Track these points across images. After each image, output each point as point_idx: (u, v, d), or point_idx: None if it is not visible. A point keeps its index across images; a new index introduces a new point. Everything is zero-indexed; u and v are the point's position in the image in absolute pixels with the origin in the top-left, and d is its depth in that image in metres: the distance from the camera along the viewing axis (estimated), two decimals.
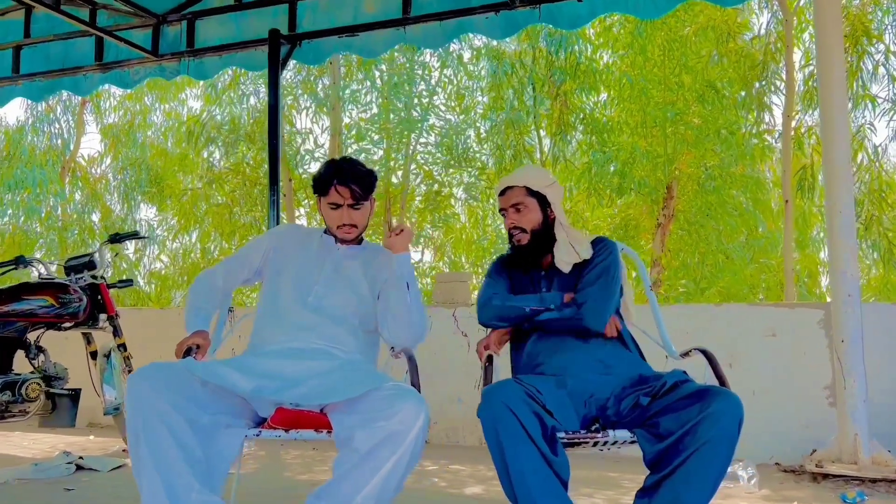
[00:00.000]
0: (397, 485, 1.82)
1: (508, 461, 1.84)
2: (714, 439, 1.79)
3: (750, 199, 9.80)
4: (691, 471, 1.80)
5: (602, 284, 2.25)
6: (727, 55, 9.32)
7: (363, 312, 2.32)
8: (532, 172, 2.44)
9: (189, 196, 12.28)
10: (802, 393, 4.05)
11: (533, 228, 2.36)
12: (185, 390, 1.88)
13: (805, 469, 3.67)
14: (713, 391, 1.88)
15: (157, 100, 13.35)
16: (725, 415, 1.81)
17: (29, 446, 4.46)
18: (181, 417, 1.83)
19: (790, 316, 4.19)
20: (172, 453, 1.79)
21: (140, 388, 1.84)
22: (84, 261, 4.09)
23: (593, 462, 3.92)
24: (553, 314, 2.23)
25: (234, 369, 1.98)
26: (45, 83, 5.96)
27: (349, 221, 2.29)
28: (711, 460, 1.79)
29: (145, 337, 4.89)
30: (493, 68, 10.38)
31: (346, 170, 2.28)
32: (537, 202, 2.37)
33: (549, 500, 1.84)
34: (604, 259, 2.31)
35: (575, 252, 2.33)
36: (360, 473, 1.78)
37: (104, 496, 3.13)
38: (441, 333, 4.64)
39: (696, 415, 1.82)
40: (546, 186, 2.38)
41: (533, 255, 2.39)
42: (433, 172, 11.33)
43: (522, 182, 2.38)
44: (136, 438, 1.81)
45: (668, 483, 1.82)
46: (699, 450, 1.79)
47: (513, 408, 1.85)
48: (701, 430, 1.80)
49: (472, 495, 3.28)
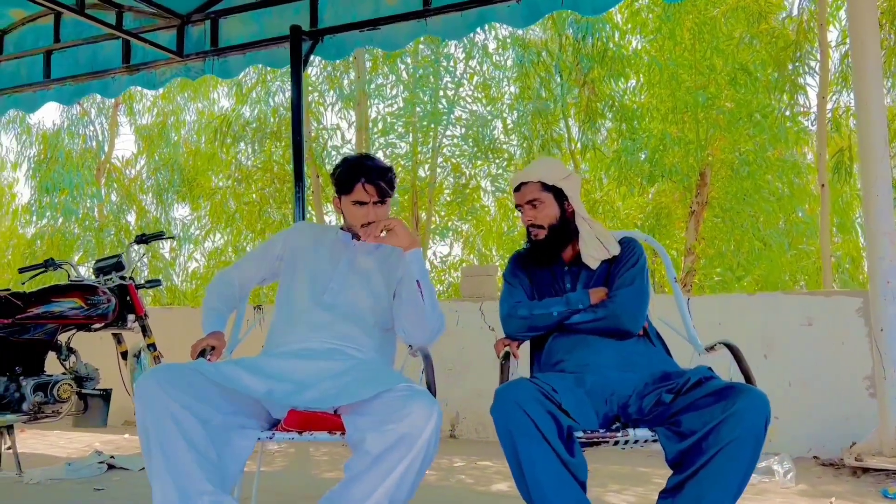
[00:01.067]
0: (410, 489, 1.78)
1: (523, 462, 1.79)
2: (739, 439, 1.72)
3: (786, 184, 9.54)
4: (715, 471, 1.73)
5: (638, 285, 2.21)
6: (759, 36, 9.06)
7: (379, 310, 2.29)
8: (546, 166, 2.36)
9: (220, 195, 12.41)
10: (841, 384, 3.93)
11: (550, 224, 2.31)
12: (197, 390, 1.86)
13: (844, 463, 3.56)
14: (737, 388, 1.80)
15: (189, 99, 13.49)
16: (750, 413, 1.73)
17: (64, 446, 4.54)
18: (193, 418, 1.81)
19: (827, 304, 4.07)
20: (184, 456, 1.77)
21: (149, 389, 1.82)
22: (112, 262, 4.13)
23: (623, 458, 3.86)
24: (586, 315, 2.18)
25: (245, 371, 1.96)
26: (75, 87, 6.04)
27: (374, 219, 2.25)
28: (736, 460, 1.72)
29: (175, 336, 4.93)
30: (519, 58, 10.25)
31: (371, 168, 2.25)
32: (553, 196, 2.31)
33: (566, 502, 1.78)
34: (637, 258, 2.27)
35: (604, 247, 2.28)
36: (371, 476, 1.75)
37: (133, 495, 3.17)
38: (468, 327, 4.60)
39: (719, 413, 1.75)
40: (562, 179, 2.31)
41: (551, 250, 2.33)
42: (460, 165, 11.26)
43: (537, 177, 2.32)
44: (147, 439, 1.80)
45: (692, 484, 1.75)
46: (723, 450, 1.72)
47: (525, 407, 1.80)
48: (725, 429, 1.73)
49: (499, 492, 3.24)
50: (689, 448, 1.77)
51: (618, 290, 2.21)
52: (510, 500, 3.08)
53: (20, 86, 6.14)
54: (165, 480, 1.76)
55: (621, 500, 3.07)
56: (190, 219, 13.53)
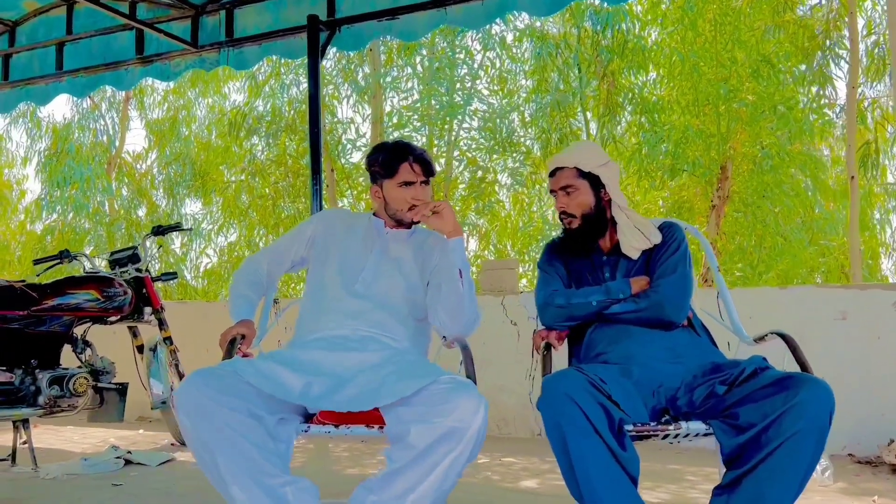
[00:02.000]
0: (452, 483, 1.71)
1: (573, 456, 1.69)
2: (802, 432, 1.61)
3: (809, 178, 9.39)
4: (776, 466, 1.62)
5: (681, 273, 2.11)
6: (783, 27, 8.90)
7: (413, 299, 2.20)
8: (584, 151, 2.24)
9: (233, 189, 12.35)
10: (877, 379, 3.81)
11: (584, 212, 2.21)
12: (238, 391, 1.78)
13: (883, 460, 3.45)
14: (799, 378, 1.70)
15: (199, 94, 13.46)
16: (814, 404, 1.63)
17: (80, 441, 4.47)
18: (245, 417, 1.75)
19: (861, 298, 3.94)
20: (252, 453, 1.72)
21: (193, 398, 1.74)
22: (128, 254, 4.07)
23: (655, 454, 3.75)
24: (628, 305, 2.08)
25: (282, 366, 1.89)
26: (87, 79, 5.98)
27: (424, 197, 2.19)
28: (798, 455, 1.62)
29: (191, 330, 4.87)
30: (537, 50, 10.13)
31: (413, 147, 2.23)
32: (589, 184, 2.21)
33: (619, 499, 1.68)
34: (679, 244, 2.16)
35: (644, 237, 2.18)
36: (417, 470, 1.67)
37: (152, 492, 3.09)
38: (489, 322, 4.50)
39: (780, 405, 1.65)
40: (599, 166, 2.21)
41: (584, 239, 2.23)
42: (477, 159, 11.15)
43: (572, 162, 2.21)
44: (208, 451, 1.72)
45: (750, 479, 1.65)
46: (785, 443, 1.62)
47: (576, 398, 1.70)
48: (787, 421, 1.62)
49: (526, 489, 3.14)
50: (747, 442, 1.67)
51: (660, 278, 2.11)
52: (539, 497, 2.98)
53: (32, 78, 6.08)
54: (245, 482, 1.70)
55: (654, 498, 2.96)
56: (202, 214, 13.49)
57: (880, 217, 11.40)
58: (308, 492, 1.75)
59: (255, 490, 1.71)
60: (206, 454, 1.74)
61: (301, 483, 1.76)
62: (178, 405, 1.74)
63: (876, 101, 9.04)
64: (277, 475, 1.73)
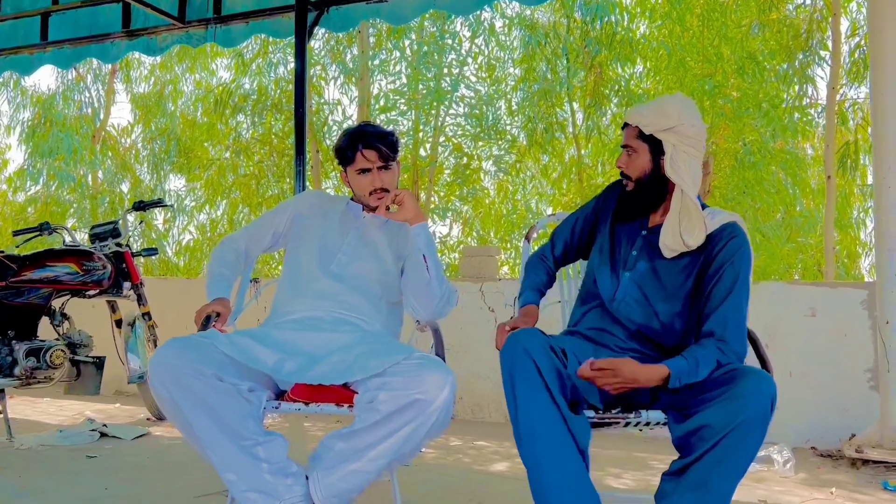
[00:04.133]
0: (413, 449, 1.80)
1: (520, 411, 1.71)
2: (745, 422, 1.66)
3: (789, 176, 9.51)
4: (720, 455, 1.68)
5: (736, 301, 1.86)
6: (769, 25, 8.98)
7: (387, 283, 2.25)
8: (655, 109, 1.97)
9: (217, 166, 12.29)
10: (842, 375, 3.90)
11: (638, 177, 2.00)
12: (211, 359, 1.84)
13: (843, 454, 3.54)
14: (742, 370, 1.74)
15: (187, 69, 13.33)
16: (756, 395, 1.68)
17: (56, 413, 4.48)
18: (218, 382, 1.81)
19: (832, 296, 4.03)
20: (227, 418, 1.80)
21: (168, 367, 1.80)
22: (109, 228, 4.06)
23: (621, 442, 3.83)
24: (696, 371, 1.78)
25: (256, 341, 1.95)
26: (72, 50, 5.93)
27: (381, 185, 2.21)
28: (742, 443, 1.67)
29: (170, 306, 4.88)
30: (525, 38, 10.15)
31: (370, 132, 2.21)
32: (649, 148, 1.97)
33: (558, 461, 1.69)
34: (731, 258, 1.88)
35: (681, 240, 1.92)
36: (378, 432, 1.77)
37: (126, 465, 3.12)
38: (467, 308, 4.55)
39: (725, 397, 1.70)
40: (663, 130, 1.93)
41: (634, 205, 2.03)
42: (462, 145, 11.17)
43: (636, 120, 1.98)
44: (182, 416, 1.81)
45: (696, 467, 1.71)
46: (729, 434, 1.67)
47: (534, 355, 1.71)
48: (730, 412, 1.67)
49: (497, 472, 3.21)
50: (694, 431, 1.72)
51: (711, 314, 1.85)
52: (507, 481, 3.05)
53: (16, 47, 6.02)
54: (220, 445, 1.80)
55: (620, 484, 3.04)
56: (185, 190, 13.41)
57: (858, 217, 11.54)
58: (278, 445, 1.84)
59: (230, 451, 1.79)
60: (181, 418, 1.82)
61: (272, 441, 1.84)
62: (152, 371, 1.79)
63: (856, 103, 9.16)
64: (250, 437, 1.80)
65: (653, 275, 1.98)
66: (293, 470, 1.84)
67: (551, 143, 10.56)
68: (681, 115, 1.93)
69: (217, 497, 2.54)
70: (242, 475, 1.79)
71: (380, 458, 1.78)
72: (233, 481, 1.80)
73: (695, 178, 1.96)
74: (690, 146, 1.94)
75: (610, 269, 2.05)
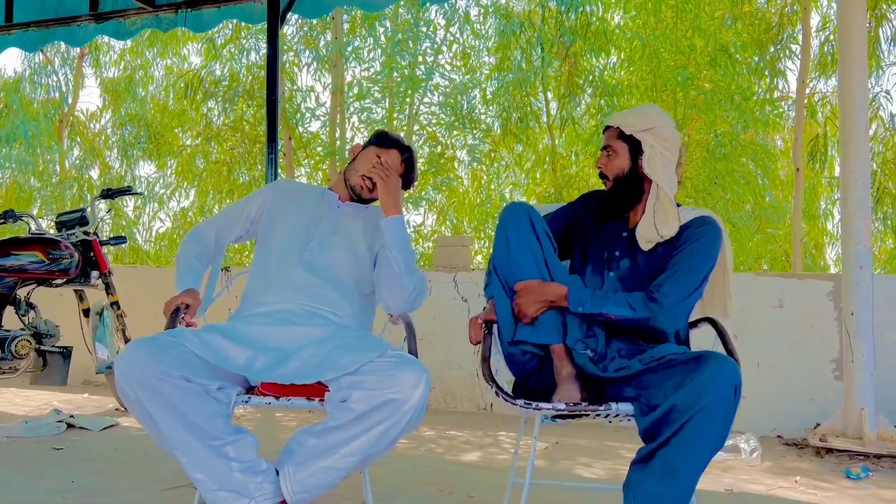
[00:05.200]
0: (386, 447, 1.79)
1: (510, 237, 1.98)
2: (709, 406, 1.68)
3: (759, 168, 9.62)
4: (686, 440, 1.69)
5: (686, 276, 1.94)
6: (741, 17, 9.06)
7: (359, 274, 2.23)
8: (634, 113, 2.12)
9: (188, 153, 12.11)
10: (808, 366, 3.98)
11: (616, 176, 2.09)
12: (177, 359, 1.81)
13: (808, 443, 3.61)
14: (706, 356, 1.76)
15: (158, 54, 13.09)
16: (719, 379, 1.69)
17: (22, 403, 4.41)
18: (185, 383, 1.78)
19: (799, 287, 4.10)
20: (195, 419, 1.77)
21: (134, 369, 1.77)
22: (76, 216, 3.99)
23: (592, 431, 3.87)
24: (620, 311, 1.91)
25: (226, 339, 1.93)
26: (38, 33, 5.79)
27: (377, 172, 2.21)
28: (707, 428, 1.69)
29: (140, 294, 4.81)
30: (500, 27, 10.12)
31: (410, 149, 2.37)
32: (628, 148, 2.07)
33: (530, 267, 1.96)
34: (691, 244, 1.97)
35: (656, 230, 2.02)
36: (351, 430, 1.76)
37: (94, 456, 3.08)
38: (441, 298, 4.56)
39: (688, 382, 1.71)
40: (642, 131, 2.05)
41: (612, 204, 2.12)
42: (436, 134, 11.12)
43: (617, 122, 2.11)
44: (149, 418, 1.79)
45: (663, 452, 1.72)
46: (693, 418, 1.68)
47: (532, 216, 1.98)
48: (693, 396, 1.69)
49: (469, 462, 3.22)
50: (659, 418, 1.74)
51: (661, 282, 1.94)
52: (479, 471, 3.06)
53: None
54: (188, 446, 1.77)
55: (591, 474, 3.07)
56: (155, 177, 13.20)
57: (826, 208, 11.75)
58: (248, 444, 1.82)
59: (199, 451, 1.77)
60: (148, 420, 1.79)
61: (241, 440, 1.82)
62: (118, 372, 1.76)
63: (826, 96, 9.29)
64: (219, 437, 1.78)
65: (635, 270, 2.06)
66: (263, 468, 1.82)
67: (525, 133, 10.57)
68: (659, 119, 2.08)
69: (186, 489, 2.52)
70: (212, 474, 1.77)
71: (352, 456, 1.77)
72: (202, 481, 1.78)
73: (670, 179, 2.06)
74: (666, 149, 2.06)
75: (593, 270, 2.11)
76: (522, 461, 2.95)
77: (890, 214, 8.96)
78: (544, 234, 2.00)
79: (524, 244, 1.97)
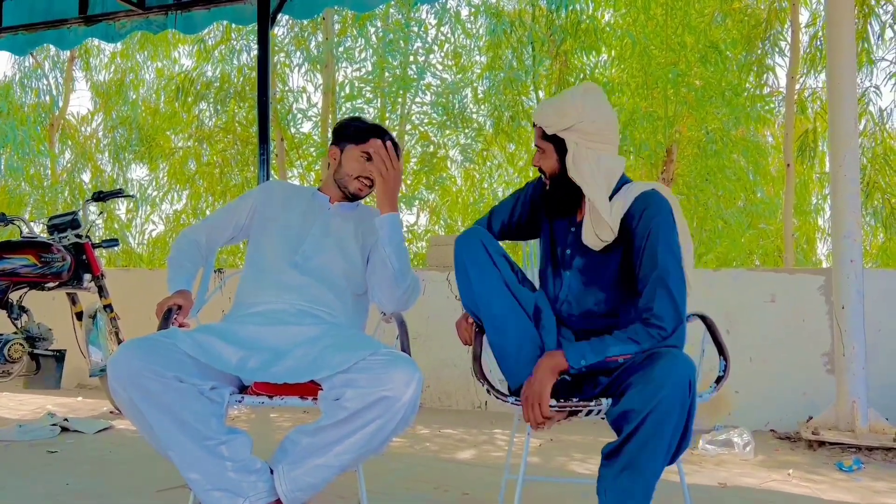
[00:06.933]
0: (379, 445, 1.80)
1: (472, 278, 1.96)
2: (663, 401, 1.67)
3: (751, 164, 9.66)
4: (645, 435, 1.70)
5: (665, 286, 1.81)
6: (731, 14, 9.10)
7: (352, 274, 2.23)
8: (554, 108, 1.93)
9: (180, 155, 12.09)
10: (800, 359, 4.00)
11: (552, 175, 1.98)
12: (170, 359, 1.81)
13: (801, 436, 3.64)
14: (659, 353, 1.76)
15: (148, 57, 13.07)
16: (672, 375, 1.68)
17: (15, 407, 4.40)
18: (178, 384, 1.79)
19: (790, 281, 4.12)
20: (188, 419, 1.77)
21: (127, 370, 1.77)
22: (68, 219, 3.99)
23: (587, 428, 3.88)
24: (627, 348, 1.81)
25: (219, 339, 1.93)
26: (28, 36, 5.78)
27: (372, 176, 2.20)
28: (662, 423, 1.68)
29: (133, 297, 4.80)
30: (491, 27, 10.13)
31: (390, 134, 2.28)
32: (554, 148, 1.95)
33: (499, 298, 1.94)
34: (649, 242, 1.84)
35: (596, 237, 1.92)
36: (344, 429, 1.76)
37: (88, 459, 3.08)
38: (434, 297, 4.57)
39: (642, 379, 1.72)
40: (563, 130, 1.91)
41: (554, 205, 2.02)
42: (429, 133, 11.13)
43: (538, 121, 1.97)
44: (143, 419, 1.79)
45: (627, 447, 1.73)
46: (650, 413, 1.68)
47: (487, 245, 1.97)
48: (648, 392, 1.69)
49: (463, 460, 3.23)
50: (622, 413, 1.74)
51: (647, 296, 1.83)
52: (474, 469, 3.07)
53: None
54: (182, 447, 1.77)
55: (585, 470, 3.08)
56: (147, 180, 13.19)
57: (816, 203, 11.80)
58: (241, 443, 1.82)
59: (192, 451, 1.77)
60: (142, 420, 1.79)
61: (235, 439, 1.82)
62: (111, 374, 1.76)
63: (816, 92, 9.33)
64: (213, 436, 1.79)
65: (587, 269, 2.00)
66: (257, 467, 1.82)
67: (517, 132, 10.59)
68: (581, 111, 1.89)
69: (181, 491, 2.52)
70: (206, 474, 1.77)
71: (346, 454, 1.78)
72: (196, 481, 1.78)
73: (607, 173, 1.91)
74: (595, 141, 1.90)
75: (553, 273, 2.09)
76: (516, 458, 2.96)
77: (880, 209, 9.01)
78: (501, 257, 1.97)
79: (485, 275, 1.95)
